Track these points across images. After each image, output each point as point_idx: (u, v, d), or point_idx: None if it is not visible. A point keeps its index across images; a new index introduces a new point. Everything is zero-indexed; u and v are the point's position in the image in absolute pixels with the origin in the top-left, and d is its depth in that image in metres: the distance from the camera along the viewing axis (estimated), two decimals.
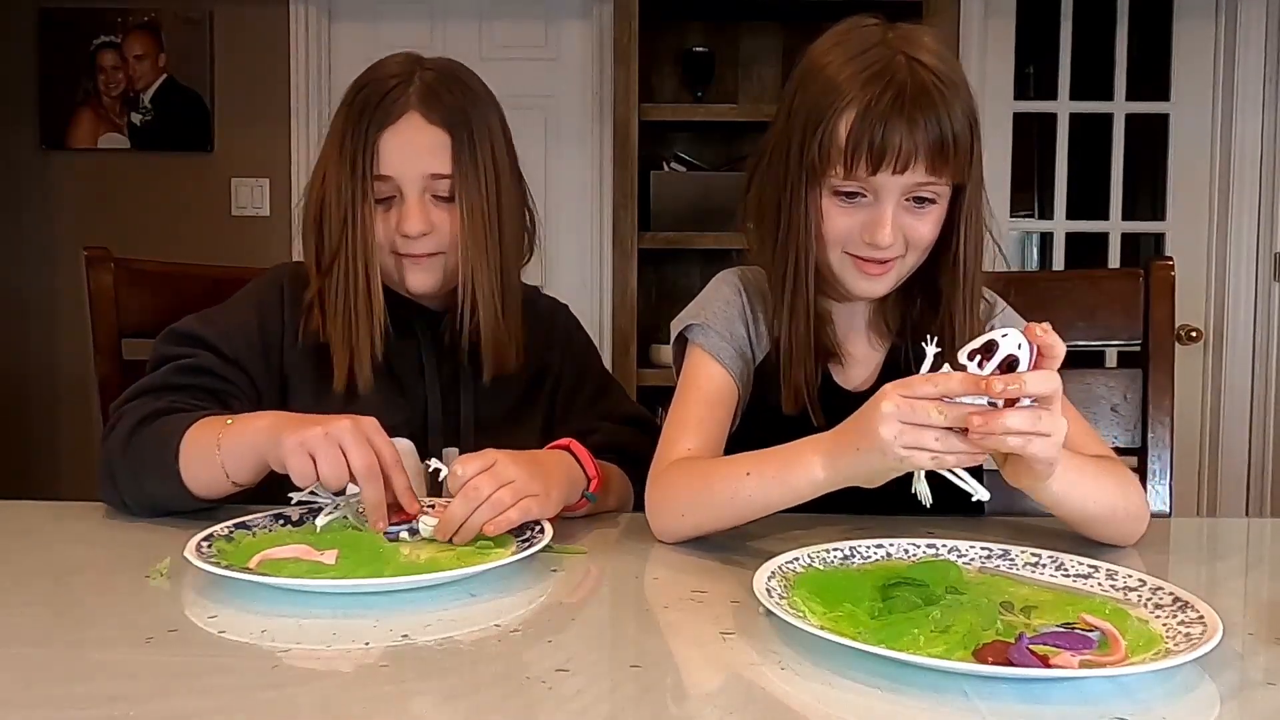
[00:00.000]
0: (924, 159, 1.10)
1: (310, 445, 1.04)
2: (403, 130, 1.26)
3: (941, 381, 0.90)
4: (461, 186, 1.27)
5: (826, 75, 1.15)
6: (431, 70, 1.30)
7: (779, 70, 3.47)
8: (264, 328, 1.31)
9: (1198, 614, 0.83)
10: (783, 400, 1.21)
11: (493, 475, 1.03)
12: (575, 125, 3.55)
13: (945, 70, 1.13)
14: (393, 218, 1.28)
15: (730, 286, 1.28)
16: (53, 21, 3.54)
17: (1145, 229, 3.56)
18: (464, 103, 1.29)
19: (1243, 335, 3.41)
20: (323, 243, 1.30)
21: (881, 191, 1.13)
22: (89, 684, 0.76)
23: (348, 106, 1.29)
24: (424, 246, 1.28)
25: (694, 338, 1.24)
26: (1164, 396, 1.52)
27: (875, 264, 1.16)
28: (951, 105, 1.11)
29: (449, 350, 1.35)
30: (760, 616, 0.88)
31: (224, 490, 1.15)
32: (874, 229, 1.13)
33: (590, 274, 3.56)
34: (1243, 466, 3.43)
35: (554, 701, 0.72)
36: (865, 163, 1.11)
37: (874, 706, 0.73)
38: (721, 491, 1.07)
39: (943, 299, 1.21)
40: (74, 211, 3.56)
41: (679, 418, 1.20)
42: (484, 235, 1.29)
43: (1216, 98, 3.40)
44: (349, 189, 1.26)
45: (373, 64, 1.33)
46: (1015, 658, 0.74)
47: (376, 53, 1.38)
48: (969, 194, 1.17)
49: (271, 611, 0.89)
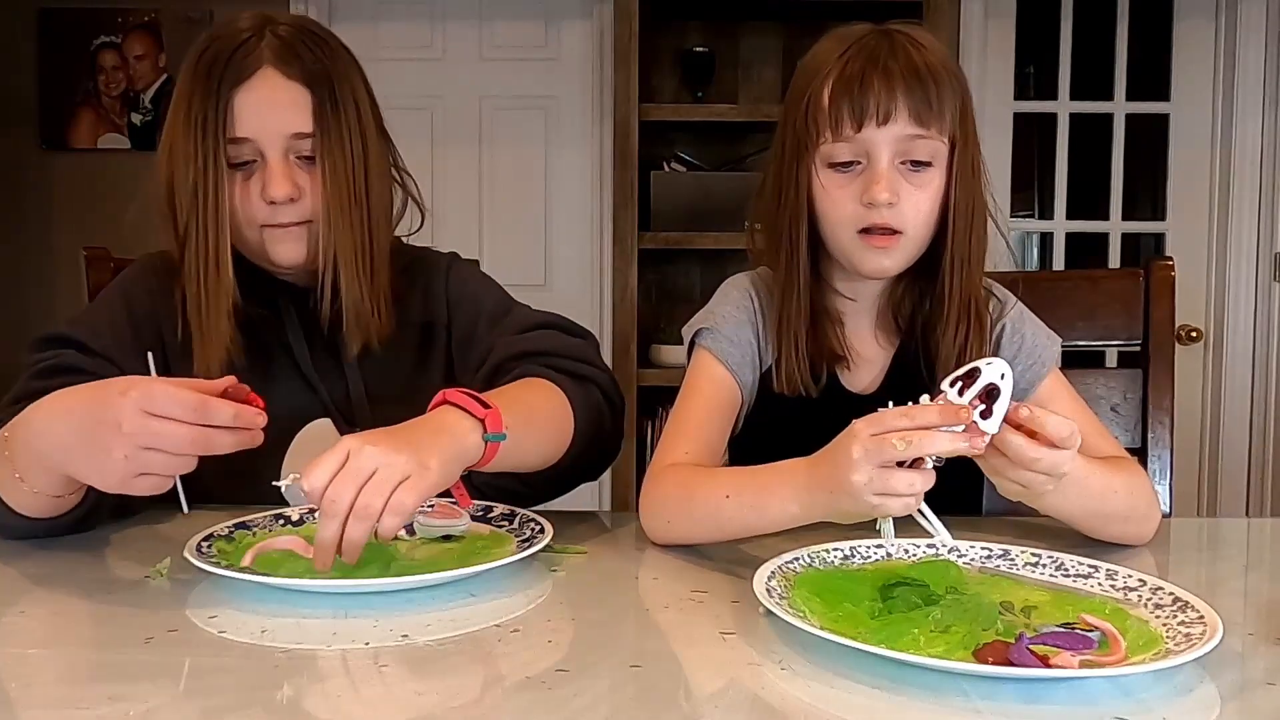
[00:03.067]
0: (906, 109, 1.12)
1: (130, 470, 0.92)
2: (257, 87, 1.17)
3: (918, 414, 0.89)
4: (324, 146, 1.19)
5: (811, 58, 1.20)
6: (285, 25, 1.22)
7: (779, 70, 3.47)
8: (134, 321, 1.24)
9: (1198, 614, 0.83)
10: (775, 380, 1.21)
11: (349, 475, 0.89)
12: (575, 125, 3.55)
13: (929, 42, 1.17)
14: (255, 185, 1.19)
15: (741, 291, 1.28)
16: (53, 21, 3.54)
17: (1145, 229, 3.56)
18: (322, 58, 1.21)
19: (1243, 335, 3.41)
20: (175, 221, 1.20)
21: (873, 150, 1.14)
22: (89, 684, 0.76)
23: (192, 67, 1.19)
24: (291, 214, 1.19)
25: (701, 341, 1.25)
26: (1164, 396, 1.52)
27: (881, 235, 1.15)
28: (930, 61, 1.14)
29: (323, 327, 1.26)
30: (760, 616, 0.87)
31: (57, 503, 1.03)
32: (870, 188, 1.13)
33: (590, 274, 3.56)
34: (1243, 466, 3.43)
35: (554, 702, 0.72)
36: (849, 119, 1.13)
37: (874, 707, 0.73)
38: (702, 509, 1.07)
39: (943, 286, 1.20)
40: (74, 211, 3.56)
41: (680, 421, 1.20)
42: (349, 199, 1.20)
43: (1216, 98, 3.40)
44: (199, 154, 1.16)
45: (216, 24, 1.24)
46: (1015, 658, 0.74)
47: (377, 53, 1.37)
48: (959, 157, 1.17)
49: (272, 611, 0.89)
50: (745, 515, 1.04)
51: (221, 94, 1.17)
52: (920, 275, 1.23)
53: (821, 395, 1.22)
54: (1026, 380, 1.21)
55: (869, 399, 1.23)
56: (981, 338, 1.21)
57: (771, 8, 3.36)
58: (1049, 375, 1.23)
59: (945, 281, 1.20)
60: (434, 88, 3.52)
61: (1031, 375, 1.22)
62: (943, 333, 1.20)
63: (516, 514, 1.13)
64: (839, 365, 1.24)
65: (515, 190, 3.58)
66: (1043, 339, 1.25)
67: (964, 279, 1.20)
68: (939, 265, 1.20)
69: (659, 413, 3.38)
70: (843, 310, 1.25)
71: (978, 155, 1.20)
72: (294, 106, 1.19)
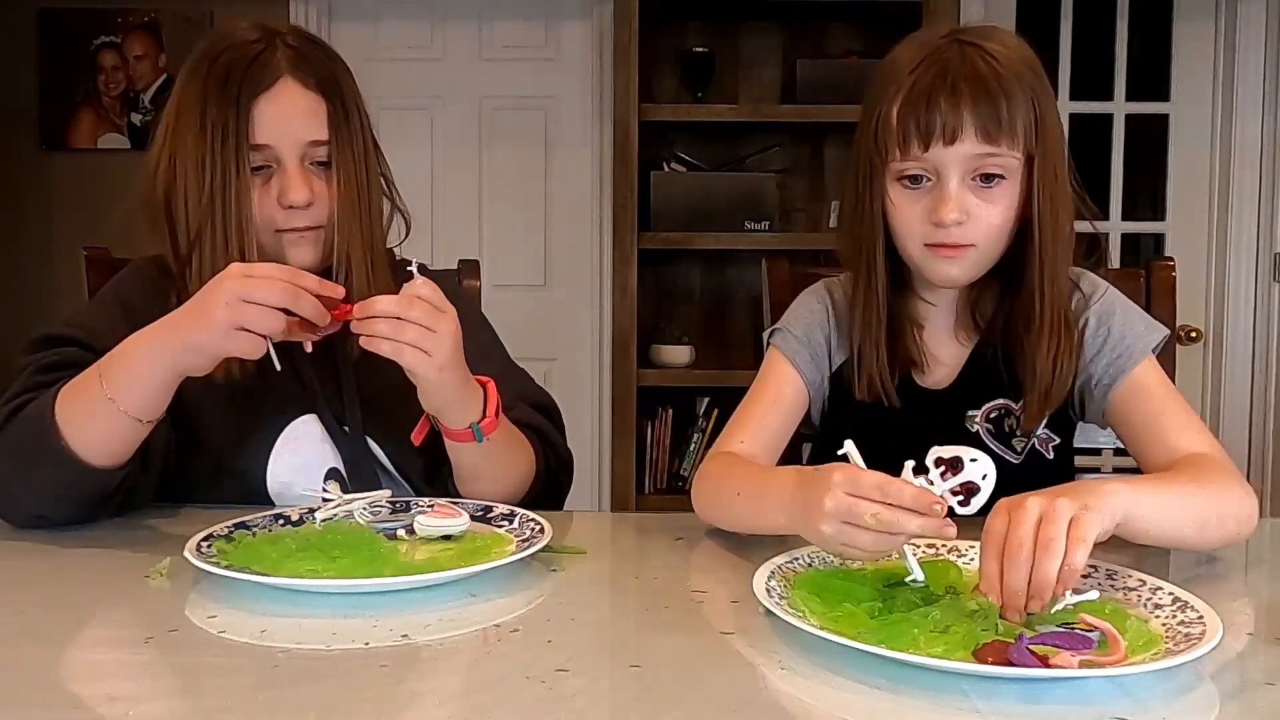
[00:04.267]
0: (974, 127, 1.12)
1: (232, 320, 1.03)
2: (278, 96, 1.21)
3: (893, 493, 0.88)
4: (338, 153, 1.24)
5: (886, 66, 1.19)
6: (292, 36, 1.26)
7: (779, 70, 3.48)
8: (131, 321, 1.23)
9: (1197, 614, 0.83)
10: (855, 387, 1.24)
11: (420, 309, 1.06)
12: (575, 125, 3.55)
13: (1002, 51, 1.15)
14: (271, 190, 1.22)
15: (815, 296, 1.33)
16: (53, 21, 3.54)
17: (1145, 229, 3.56)
18: (332, 68, 1.26)
19: (1242, 335, 3.41)
20: (175, 229, 1.23)
21: (942, 169, 1.14)
22: (89, 684, 0.76)
23: (203, 76, 1.22)
24: (306, 219, 1.23)
25: (773, 340, 1.30)
26: None
27: (948, 247, 1.16)
28: (1002, 75, 1.13)
29: None
30: (760, 617, 0.88)
31: (128, 440, 1.10)
32: (938, 208, 1.14)
33: (590, 274, 3.56)
34: (1242, 466, 3.43)
35: (554, 702, 0.73)
36: (916, 139, 1.13)
37: (874, 707, 0.73)
38: (725, 501, 1.13)
39: (1032, 302, 1.19)
40: (74, 212, 3.56)
41: (743, 414, 1.25)
42: (358, 204, 1.25)
43: (1216, 98, 3.40)
44: (216, 162, 1.19)
45: (216, 32, 1.27)
46: (1015, 658, 0.74)
47: (376, 53, 1.38)
48: (1039, 169, 1.16)
49: (271, 611, 0.89)
50: (751, 515, 1.08)
51: (241, 103, 1.20)
52: (998, 274, 1.22)
53: (898, 392, 1.24)
54: (1110, 376, 1.19)
55: (941, 394, 1.25)
56: (1071, 346, 1.20)
57: (771, 8, 3.36)
58: (1137, 367, 1.18)
59: (1035, 298, 1.19)
60: (434, 88, 3.52)
61: (1115, 370, 1.19)
62: (1034, 348, 1.19)
63: (516, 514, 1.13)
64: (913, 369, 1.25)
65: (515, 190, 3.58)
66: (1138, 328, 1.21)
67: (1053, 292, 1.19)
68: (1023, 271, 1.19)
69: (658, 413, 3.39)
70: (923, 315, 1.26)
71: (1060, 163, 1.18)
72: (312, 115, 1.23)
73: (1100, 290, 1.25)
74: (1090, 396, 1.22)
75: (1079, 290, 1.24)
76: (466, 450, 1.18)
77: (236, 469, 1.24)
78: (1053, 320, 1.19)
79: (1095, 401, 1.21)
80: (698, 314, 3.51)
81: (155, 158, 1.25)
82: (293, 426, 1.26)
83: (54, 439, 1.08)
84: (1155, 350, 1.21)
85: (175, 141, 1.23)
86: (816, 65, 3.27)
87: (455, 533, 1.06)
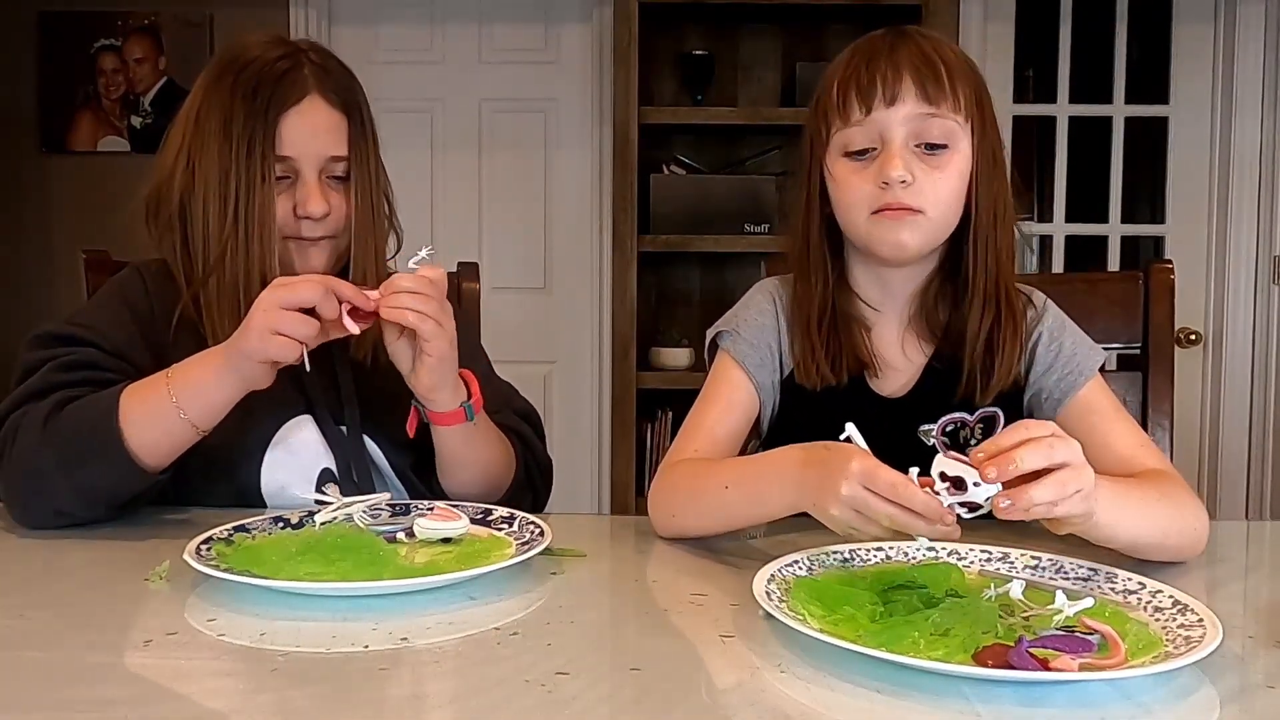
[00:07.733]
0: (914, 85, 1.12)
1: (268, 324, 1.08)
2: (306, 112, 1.26)
3: (905, 496, 0.89)
4: (356, 169, 1.29)
5: (830, 65, 1.21)
6: (314, 52, 1.31)
7: (778, 73, 3.48)
8: (138, 321, 1.28)
9: (1197, 617, 0.83)
10: (797, 374, 1.22)
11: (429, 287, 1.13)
12: (575, 128, 3.55)
13: (942, 40, 1.17)
14: (288, 200, 1.27)
15: (765, 295, 1.29)
16: (53, 24, 3.54)
17: (1145, 232, 3.56)
18: (351, 85, 1.31)
19: (1242, 338, 3.41)
20: (189, 234, 1.27)
21: (885, 132, 1.14)
22: (88, 687, 0.76)
23: (229, 88, 1.25)
24: (319, 229, 1.28)
25: (722, 343, 1.27)
26: (1163, 399, 1.52)
27: (895, 210, 1.14)
28: (941, 50, 1.15)
29: None
30: (760, 619, 0.88)
31: (178, 446, 1.15)
32: (884, 167, 1.13)
33: (590, 277, 3.56)
34: (1242, 469, 3.43)
35: (553, 705, 0.72)
36: (857, 102, 1.14)
37: (874, 710, 0.73)
38: (706, 501, 1.10)
39: (968, 272, 1.19)
40: (74, 214, 3.56)
41: (695, 420, 1.22)
42: (372, 216, 1.31)
43: (1216, 101, 3.40)
44: (241, 172, 1.23)
45: (236, 43, 1.31)
46: (1015, 661, 0.74)
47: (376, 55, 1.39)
48: (978, 140, 1.16)
49: (270, 614, 0.89)
50: (747, 505, 1.07)
51: (270, 116, 1.24)
52: (950, 279, 1.22)
53: (850, 397, 1.21)
54: (1061, 390, 1.20)
55: (897, 403, 1.23)
56: (1014, 333, 1.19)
57: (771, 11, 3.36)
58: (1086, 386, 1.20)
59: (970, 267, 1.19)
60: (433, 90, 3.53)
61: (1066, 385, 1.20)
62: (968, 320, 1.19)
63: (516, 516, 1.13)
64: (866, 372, 1.23)
65: (515, 193, 3.58)
66: (1084, 349, 1.23)
67: (989, 263, 1.18)
68: (964, 266, 1.19)
69: (658, 415, 3.38)
70: (868, 318, 1.24)
71: (999, 148, 1.19)
72: (335, 132, 1.28)
73: (1051, 309, 1.27)
74: (1040, 410, 1.21)
75: (1031, 305, 1.25)
76: (453, 436, 1.23)
77: (230, 468, 1.25)
78: (986, 289, 1.19)
79: (1045, 415, 1.20)
80: (697, 316, 3.51)
81: (172, 162, 1.27)
82: (287, 426, 1.27)
83: (115, 437, 1.11)
84: (1097, 373, 1.22)
85: (196, 147, 1.26)
86: (816, 68, 3.27)
87: (455, 536, 1.06)
